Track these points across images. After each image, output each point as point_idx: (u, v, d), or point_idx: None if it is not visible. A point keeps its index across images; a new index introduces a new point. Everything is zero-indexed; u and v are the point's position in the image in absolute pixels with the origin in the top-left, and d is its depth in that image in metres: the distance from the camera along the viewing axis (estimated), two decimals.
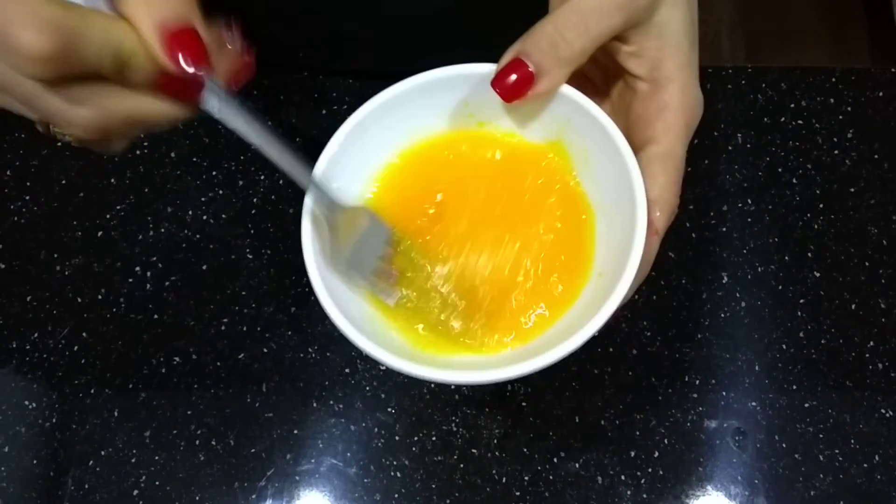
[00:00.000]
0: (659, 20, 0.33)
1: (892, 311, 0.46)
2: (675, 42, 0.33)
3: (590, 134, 0.34)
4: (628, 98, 0.35)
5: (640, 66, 0.33)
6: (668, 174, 0.33)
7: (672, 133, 0.33)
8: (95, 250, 0.48)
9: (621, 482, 0.43)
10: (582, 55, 0.32)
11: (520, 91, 0.33)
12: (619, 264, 0.32)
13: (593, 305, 0.32)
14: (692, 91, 0.34)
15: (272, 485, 0.43)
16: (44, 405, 0.45)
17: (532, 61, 0.32)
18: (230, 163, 0.50)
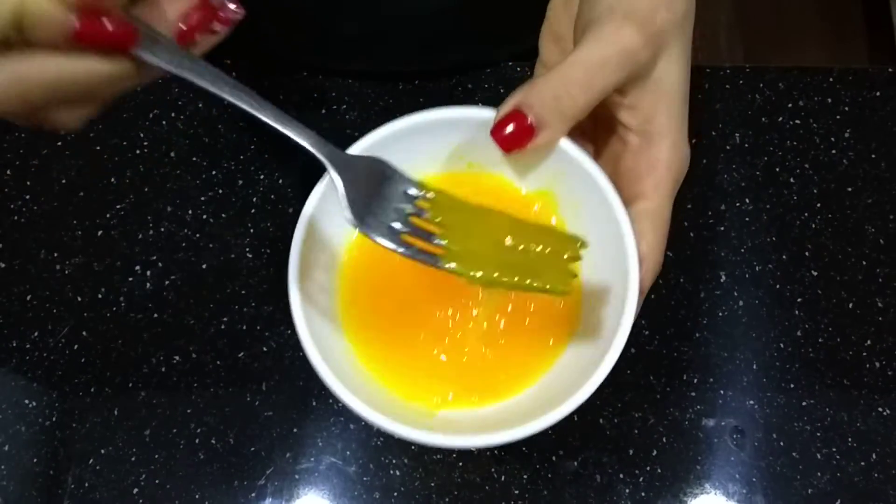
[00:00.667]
0: (656, 75, 0.33)
1: (890, 310, 0.47)
2: (669, 98, 0.34)
3: (584, 190, 0.34)
4: (618, 148, 0.35)
5: (634, 118, 0.34)
6: (657, 232, 0.33)
7: (661, 190, 0.33)
8: (95, 249, 0.48)
9: (620, 480, 0.43)
10: (584, 111, 0.32)
11: (519, 142, 0.33)
12: (606, 323, 0.32)
13: (581, 362, 0.32)
14: (681, 148, 0.34)
15: (272, 483, 0.43)
16: (44, 404, 0.45)
17: (533, 114, 0.32)
18: (230, 162, 0.50)
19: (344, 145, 0.50)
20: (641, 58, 0.32)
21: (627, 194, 0.34)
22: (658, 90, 0.33)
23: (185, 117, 0.51)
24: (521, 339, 0.35)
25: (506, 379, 0.34)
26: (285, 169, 0.50)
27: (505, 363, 0.35)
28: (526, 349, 0.35)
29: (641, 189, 0.33)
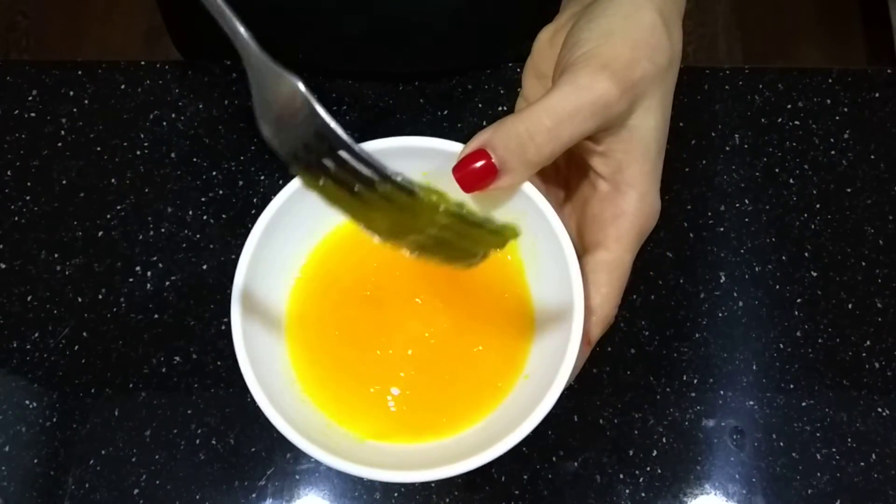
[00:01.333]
0: (631, 124, 0.32)
1: (889, 311, 0.47)
2: (643, 149, 0.33)
3: (541, 234, 0.34)
4: (587, 193, 0.34)
5: (605, 165, 0.33)
6: (612, 285, 0.33)
7: (623, 242, 0.33)
8: (96, 250, 0.48)
9: (620, 481, 0.43)
10: (549, 159, 0.32)
11: (479, 183, 0.32)
12: (548, 370, 0.32)
13: (520, 407, 0.32)
14: (651, 199, 0.33)
15: (272, 484, 0.43)
16: (44, 405, 0.45)
17: (497, 156, 0.32)
18: (230, 163, 0.50)
19: None
20: (616, 109, 0.31)
21: (589, 241, 0.33)
22: (632, 140, 0.33)
23: (186, 118, 0.51)
24: (468, 378, 0.35)
25: (446, 418, 0.34)
26: (285, 170, 0.50)
27: (447, 401, 0.34)
28: (470, 390, 0.35)
29: (603, 238, 0.33)
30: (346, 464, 0.30)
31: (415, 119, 0.51)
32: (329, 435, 0.33)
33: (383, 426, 0.34)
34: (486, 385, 0.35)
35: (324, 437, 0.32)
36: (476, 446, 0.31)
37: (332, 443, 0.32)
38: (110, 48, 1.33)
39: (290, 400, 0.33)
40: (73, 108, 0.51)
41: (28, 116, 0.51)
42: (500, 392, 0.34)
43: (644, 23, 0.32)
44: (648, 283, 0.47)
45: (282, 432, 0.30)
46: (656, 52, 0.32)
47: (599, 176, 0.33)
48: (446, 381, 0.35)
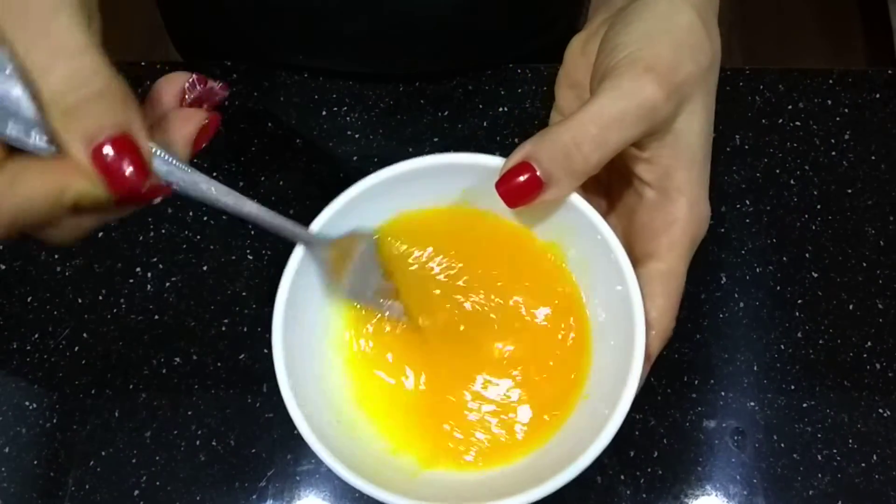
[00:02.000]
0: (677, 128, 0.31)
1: (890, 312, 0.47)
2: (690, 153, 0.32)
3: (592, 248, 0.32)
4: (633, 202, 0.33)
5: (651, 172, 0.32)
6: (669, 296, 0.31)
7: (676, 251, 0.32)
8: (96, 251, 0.48)
9: (620, 482, 0.43)
10: (596, 168, 0.30)
11: (525, 197, 0.31)
12: (609, 389, 0.31)
13: (583, 429, 0.31)
14: (701, 207, 0.32)
15: (273, 485, 0.43)
16: (44, 406, 0.45)
17: (542, 168, 0.30)
18: (230, 164, 0.50)
19: (345, 147, 0.51)
20: (662, 113, 0.30)
21: (640, 252, 0.32)
22: (678, 145, 0.31)
23: None
24: (527, 403, 0.34)
25: (507, 445, 0.33)
26: (286, 171, 0.50)
27: (507, 428, 0.33)
28: (530, 414, 0.33)
29: (655, 248, 0.32)
30: (401, 499, 0.29)
31: (415, 120, 0.51)
32: (382, 467, 0.32)
33: (441, 455, 0.33)
34: (545, 409, 0.33)
35: (376, 469, 0.31)
36: (539, 473, 0.30)
37: (385, 475, 0.31)
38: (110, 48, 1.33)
39: (340, 430, 0.33)
40: None
41: None
42: (561, 416, 0.33)
43: (683, 23, 0.31)
44: None
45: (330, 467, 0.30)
46: (698, 53, 0.31)
47: (645, 183, 0.32)
48: (504, 406, 0.34)
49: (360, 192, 0.33)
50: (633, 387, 0.30)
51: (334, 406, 0.34)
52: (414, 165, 0.33)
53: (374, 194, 0.34)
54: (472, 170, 0.33)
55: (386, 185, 0.34)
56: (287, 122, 0.51)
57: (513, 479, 0.32)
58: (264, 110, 0.51)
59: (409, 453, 0.33)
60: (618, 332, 0.32)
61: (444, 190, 0.35)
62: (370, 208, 0.34)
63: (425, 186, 0.34)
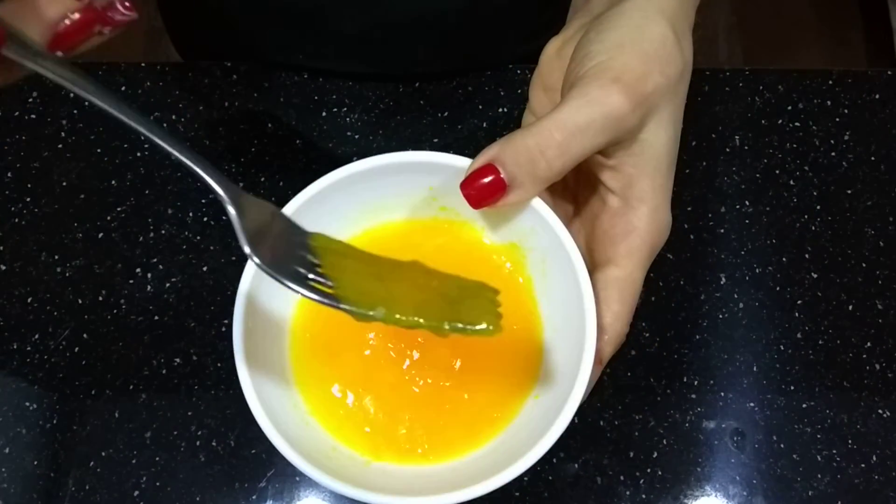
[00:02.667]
0: (643, 138, 0.32)
1: (889, 312, 0.47)
2: (654, 163, 0.32)
3: (551, 250, 0.33)
4: (597, 208, 0.34)
5: (615, 180, 0.32)
6: (624, 302, 0.32)
7: (634, 259, 0.32)
8: (96, 252, 0.48)
9: (620, 482, 0.43)
10: (560, 174, 0.31)
11: (488, 198, 0.31)
12: (559, 390, 0.31)
13: (530, 428, 0.31)
14: (662, 216, 0.33)
15: (273, 486, 0.43)
16: (44, 406, 0.45)
17: (506, 171, 0.31)
18: (230, 165, 0.50)
19: (344, 147, 0.51)
20: (627, 123, 0.31)
21: (599, 258, 0.33)
22: (643, 154, 0.32)
23: (186, 120, 0.51)
24: (476, 399, 0.34)
25: (454, 440, 0.34)
26: (285, 171, 0.50)
27: (455, 423, 0.34)
28: (479, 411, 0.34)
29: (614, 254, 0.32)
30: (350, 488, 0.29)
31: (415, 120, 0.51)
32: (334, 458, 0.33)
33: (390, 448, 0.34)
34: (494, 406, 0.34)
35: (328, 461, 0.32)
36: (486, 469, 0.30)
37: (337, 466, 0.31)
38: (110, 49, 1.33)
39: (294, 421, 0.33)
40: (73, 109, 0.51)
41: (28, 118, 0.51)
42: (510, 413, 0.34)
43: (655, 35, 0.32)
44: (649, 284, 0.47)
45: (285, 456, 0.30)
46: (668, 65, 0.32)
47: (610, 191, 0.33)
48: (454, 402, 0.34)
49: (329, 184, 0.34)
50: (580, 388, 0.30)
51: (289, 395, 0.34)
52: (382, 162, 0.34)
53: (343, 187, 0.34)
54: (440, 169, 0.34)
55: (355, 179, 0.34)
56: (287, 122, 0.51)
57: (460, 473, 0.32)
58: (264, 111, 0.51)
59: (356, 448, 0.34)
60: (571, 334, 0.32)
61: (412, 187, 0.35)
62: (338, 201, 0.35)
63: (394, 182, 0.35)
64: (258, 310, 0.34)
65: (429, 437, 0.34)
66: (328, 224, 0.35)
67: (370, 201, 0.36)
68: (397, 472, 0.33)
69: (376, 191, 0.35)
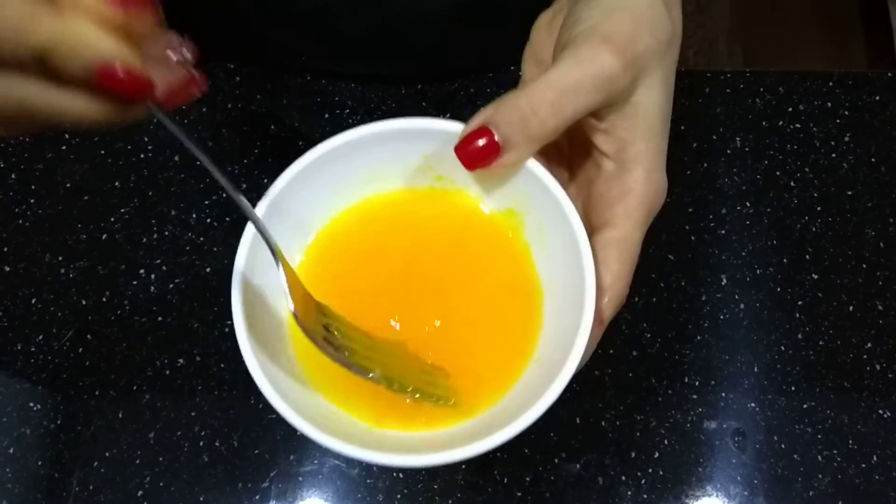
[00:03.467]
0: (635, 101, 0.32)
1: (890, 313, 0.47)
2: (647, 125, 0.32)
3: (548, 212, 0.33)
4: (592, 173, 0.34)
5: (609, 144, 0.33)
6: (622, 262, 0.32)
7: (632, 219, 0.32)
8: (100, 253, 0.48)
9: (622, 483, 0.44)
10: (553, 134, 0.31)
11: (482, 160, 0.32)
12: (560, 351, 0.31)
13: (532, 390, 0.31)
14: (657, 177, 0.33)
15: (276, 485, 0.43)
16: (48, 407, 0.45)
17: (499, 132, 0.31)
18: (233, 166, 0.50)
19: None
20: (619, 83, 0.31)
21: (597, 221, 0.33)
22: (636, 116, 0.32)
23: (189, 122, 0.51)
24: (478, 364, 0.34)
25: (456, 405, 0.34)
26: None
27: (457, 388, 0.34)
28: (481, 376, 0.34)
29: (611, 217, 0.32)
30: (355, 449, 0.29)
31: None
32: (337, 423, 0.33)
33: (392, 414, 0.34)
34: (496, 371, 0.34)
35: (332, 425, 0.32)
36: (486, 431, 0.30)
37: (340, 430, 0.31)
38: None
39: (297, 390, 0.33)
40: None
41: None
42: (512, 376, 0.34)
43: (644, 1, 0.32)
44: (650, 285, 0.48)
45: (290, 421, 0.30)
46: (658, 28, 0.32)
47: (604, 155, 0.33)
48: (456, 367, 0.34)
49: (324, 152, 0.34)
50: (580, 348, 0.30)
51: (290, 363, 0.34)
52: (375, 129, 0.34)
53: (339, 156, 0.34)
54: (435, 135, 0.34)
55: (348, 148, 0.34)
56: (290, 124, 0.51)
57: (459, 437, 0.32)
58: (267, 112, 0.52)
59: (358, 415, 0.34)
60: (571, 296, 0.32)
61: (407, 155, 0.35)
62: (332, 171, 0.35)
63: (388, 151, 0.35)
64: (254, 283, 0.34)
65: (428, 404, 0.34)
66: (323, 194, 0.35)
67: (365, 171, 0.36)
68: (397, 436, 0.33)
69: (370, 160, 0.35)
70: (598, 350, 0.46)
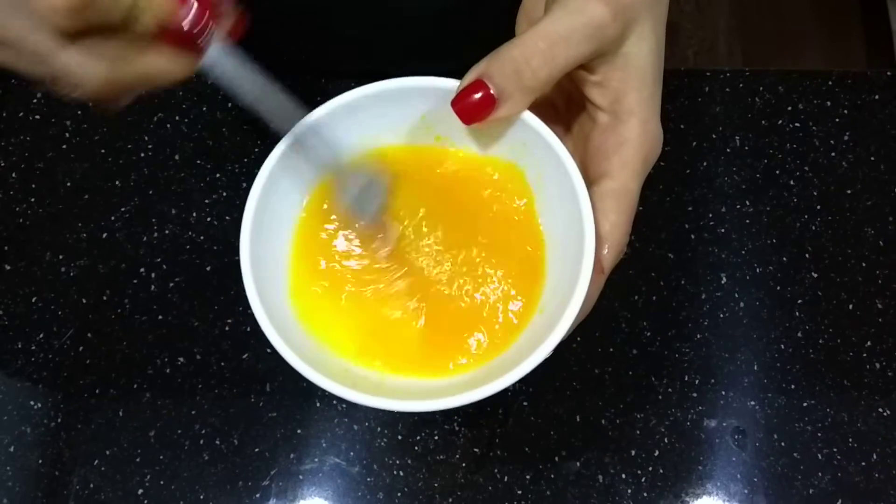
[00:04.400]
0: (626, 52, 0.32)
1: (889, 311, 0.47)
2: (640, 75, 0.33)
3: (546, 163, 0.34)
4: (588, 128, 0.34)
5: (603, 96, 0.33)
6: (621, 212, 0.32)
7: (629, 169, 0.32)
8: (100, 252, 0.48)
9: (622, 481, 0.44)
10: (546, 83, 0.31)
11: (479, 114, 0.32)
12: (562, 301, 0.31)
13: (534, 341, 0.31)
14: (652, 127, 0.33)
15: (276, 484, 0.44)
16: (49, 405, 0.45)
17: (494, 85, 0.32)
18: (234, 165, 0.50)
19: None
20: (609, 32, 0.31)
21: (594, 173, 0.33)
22: (628, 67, 0.32)
23: (190, 120, 0.51)
24: (482, 318, 0.35)
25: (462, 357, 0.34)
26: None
27: (462, 341, 0.35)
28: (485, 328, 0.35)
29: (607, 168, 0.33)
30: (368, 397, 0.30)
31: None
32: (348, 375, 0.33)
33: (400, 364, 0.34)
34: (502, 324, 0.34)
35: (344, 377, 0.32)
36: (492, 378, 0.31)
37: (352, 382, 0.32)
38: None
39: (309, 346, 0.33)
40: (77, 110, 0.52)
41: (33, 119, 0.51)
42: (516, 328, 0.34)
43: None
44: (650, 283, 0.48)
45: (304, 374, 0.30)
46: None
47: (598, 108, 0.33)
48: (461, 320, 0.35)
49: (321, 116, 0.34)
50: (580, 297, 0.31)
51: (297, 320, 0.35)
52: (371, 90, 0.34)
53: (335, 118, 0.35)
54: (431, 93, 0.34)
55: (347, 109, 0.34)
56: None
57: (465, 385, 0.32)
58: None
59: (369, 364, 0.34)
60: (572, 246, 0.32)
61: (405, 115, 0.36)
62: (330, 133, 0.35)
63: (386, 111, 0.35)
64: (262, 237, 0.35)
65: (435, 356, 0.34)
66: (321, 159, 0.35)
67: (363, 131, 0.36)
68: (406, 384, 0.34)
69: (368, 122, 0.35)
70: (597, 348, 0.46)
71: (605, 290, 0.33)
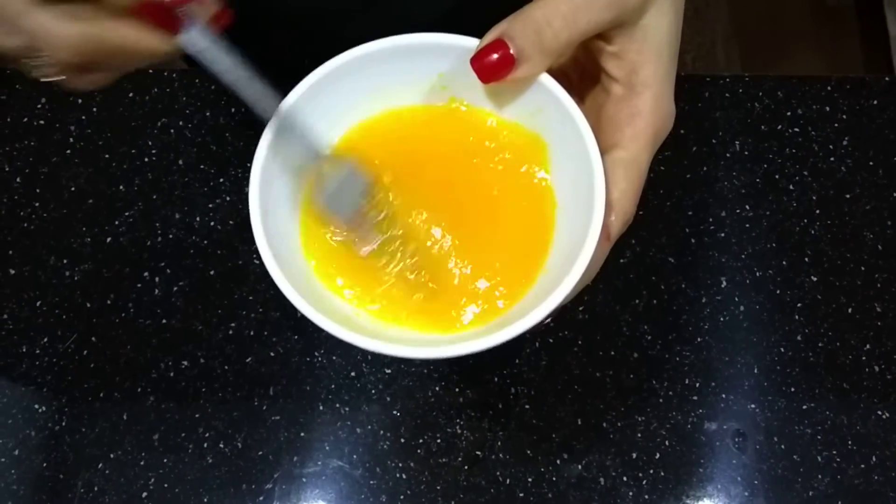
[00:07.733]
0: (645, 24, 0.33)
1: (888, 315, 0.47)
2: (656, 49, 0.33)
3: (561, 126, 0.34)
4: (601, 99, 0.35)
5: (619, 68, 0.33)
6: (630, 182, 0.33)
7: (640, 141, 0.33)
8: (104, 256, 0.49)
9: (623, 483, 0.44)
10: (567, 47, 0.32)
11: (498, 73, 0.32)
12: (567, 263, 0.32)
13: (538, 300, 0.32)
14: (665, 102, 0.34)
15: (279, 487, 0.44)
16: (53, 409, 0.45)
17: (515, 45, 0.32)
18: (237, 170, 0.50)
19: None
20: (631, 2, 0.31)
21: (606, 143, 0.33)
22: (645, 40, 0.33)
23: (193, 125, 0.52)
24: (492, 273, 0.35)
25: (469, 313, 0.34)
26: None
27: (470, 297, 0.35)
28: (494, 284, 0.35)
29: (619, 138, 0.33)
30: (373, 342, 0.30)
31: None
32: (353, 322, 0.33)
33: (405, 316, 0.34)
34: (508, 281, 0.35)
35: (349, 323, 0.32)
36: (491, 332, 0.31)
37: (357, 328, 0.32)
38: None
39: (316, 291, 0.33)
40: (81, 115, 0.52)
41: (37, 124, 0.52)
42: (521, 288, 0.34)
43: None
44: (650, 287, 0.48)
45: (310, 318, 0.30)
46: None
47: (613, 79, 0.34)
48: (470, 275, 0.35)
49: (336, 66, 0.34)
50: (584, 259, 0.31)
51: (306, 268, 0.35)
52: (392, 43, 0.34)
53: (351, 70, 0.34)
54: (449, 51, 0.34)
55: (363, 61, 0.34)
56: None
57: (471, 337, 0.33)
58: None
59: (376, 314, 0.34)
60: (582, 209, 0.33)
61: (422, 73, 0.36)
62: (346, 86, 0.35)
63: (402, 69, 0.35)
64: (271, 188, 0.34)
65: (441, 311, 0.34)
66: (335, 111, 0.35)
67: (379, 87, 0.36)
68: (413, 335, 0.34)
69: (384, 77, 0.35)
70: (598, 352, 0.46)
71: (605, 293, 0.33)
